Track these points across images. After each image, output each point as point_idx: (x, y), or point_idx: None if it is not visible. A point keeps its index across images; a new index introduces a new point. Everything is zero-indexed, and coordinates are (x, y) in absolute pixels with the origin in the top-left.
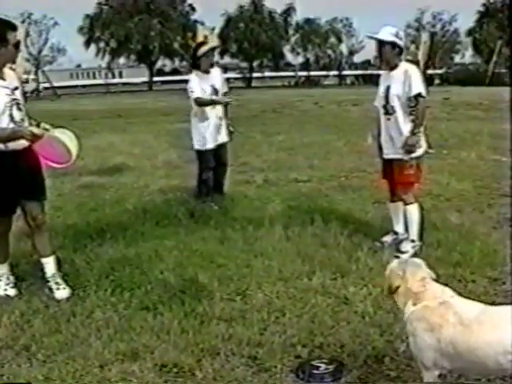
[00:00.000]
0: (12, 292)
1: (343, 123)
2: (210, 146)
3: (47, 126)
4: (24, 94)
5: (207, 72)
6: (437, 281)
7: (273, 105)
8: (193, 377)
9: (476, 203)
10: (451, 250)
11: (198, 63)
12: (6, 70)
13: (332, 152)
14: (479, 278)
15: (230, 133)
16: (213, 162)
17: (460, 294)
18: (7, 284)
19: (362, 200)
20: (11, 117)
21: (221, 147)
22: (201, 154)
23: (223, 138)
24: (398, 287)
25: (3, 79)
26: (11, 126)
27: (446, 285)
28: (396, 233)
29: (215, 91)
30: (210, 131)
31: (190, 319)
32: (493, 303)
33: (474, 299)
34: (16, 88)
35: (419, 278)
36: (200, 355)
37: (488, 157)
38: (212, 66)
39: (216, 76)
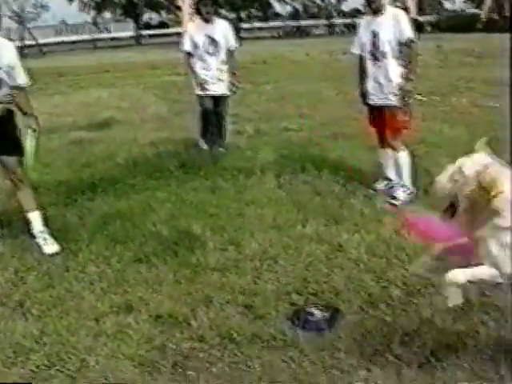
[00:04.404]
0: None
1: (334, 72)
2: (207, 92)
3: None
4: None
5: (207, 21)
6: None
7: (263, 56)
8: (188, 326)
9: (469, 149)
10: None
11: (199, 9)
12: None
13: (323, 101)
14: None
15: (233, 87)
16: (209, 107)
17: None
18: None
19: (354, 147)
20: None
21: (219, 99)
22: (199, 98)
23: (222, 90)
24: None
25: None
26: None
27: None
28: (388, 179)
29: (213, 42)
30: (207, 80)
31: (184, 270)
32: None
33: None
34: None
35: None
36: (194, 305)
37: (481, 103)
38: (211, 14)
39: (218, 28)
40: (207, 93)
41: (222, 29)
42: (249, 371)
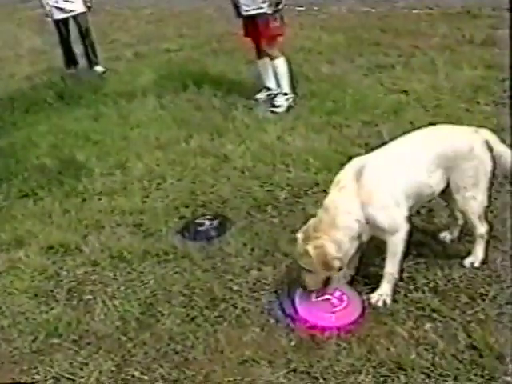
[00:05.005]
0: None
1: None
2: (58, 16)
3: None
4: None
5: None
6: None
7: None
8: (80, 252)
9: (347, 54)
10: (325, 99)
11: None
12: None
13: (202, 19)
14: (353, 122)
15: (88, 3)
16: (64, 31)
17: (337, 139)
18: None
19: (235, 62)
20: None
21: (78, 17)
22: (56, 23)
23: (76, 8)
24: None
25: None
26: None
27: None
28: (268, 88)
29: None
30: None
31: (72, 199)
32: (367, 144)
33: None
34: None
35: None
36: (85, 232)
37: (358, 9)
38: None
39: None
40: (64, 16)
41: None
42: (143, 286)
